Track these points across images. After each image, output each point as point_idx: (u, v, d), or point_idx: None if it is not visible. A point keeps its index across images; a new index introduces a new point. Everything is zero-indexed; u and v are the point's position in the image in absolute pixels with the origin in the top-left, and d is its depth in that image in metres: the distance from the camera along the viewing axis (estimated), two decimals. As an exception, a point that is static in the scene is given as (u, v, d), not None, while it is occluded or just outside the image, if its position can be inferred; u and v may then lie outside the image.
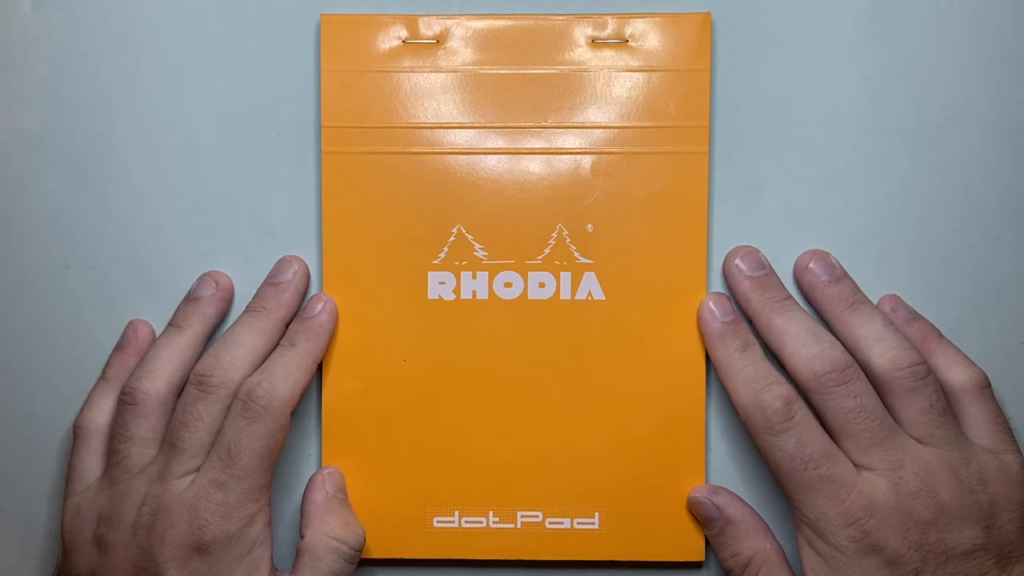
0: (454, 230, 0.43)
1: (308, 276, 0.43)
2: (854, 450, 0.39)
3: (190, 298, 0.43)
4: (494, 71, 0.43)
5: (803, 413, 0.39)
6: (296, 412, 0.43)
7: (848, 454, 0.39)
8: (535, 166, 0.43)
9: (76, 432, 0.42)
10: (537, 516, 0.43)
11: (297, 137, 0.44)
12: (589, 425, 0.43)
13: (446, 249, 0.43)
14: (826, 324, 0.42)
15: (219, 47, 0.44)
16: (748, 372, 0.40)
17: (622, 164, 0.42)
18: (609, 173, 0.42)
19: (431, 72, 0.43)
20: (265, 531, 0.40)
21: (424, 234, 0.43)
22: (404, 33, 0.43)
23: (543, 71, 0.43)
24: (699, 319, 0.42)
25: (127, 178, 0.44)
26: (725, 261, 0.43)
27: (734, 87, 0.43)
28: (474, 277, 0.43)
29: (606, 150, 0.43)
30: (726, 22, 0.43)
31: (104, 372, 0.43)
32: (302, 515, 0.42)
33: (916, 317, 0.43)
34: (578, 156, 0.43)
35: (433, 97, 0.43)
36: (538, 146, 0.43)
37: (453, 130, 0.43)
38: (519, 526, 0.43)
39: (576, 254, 0.43)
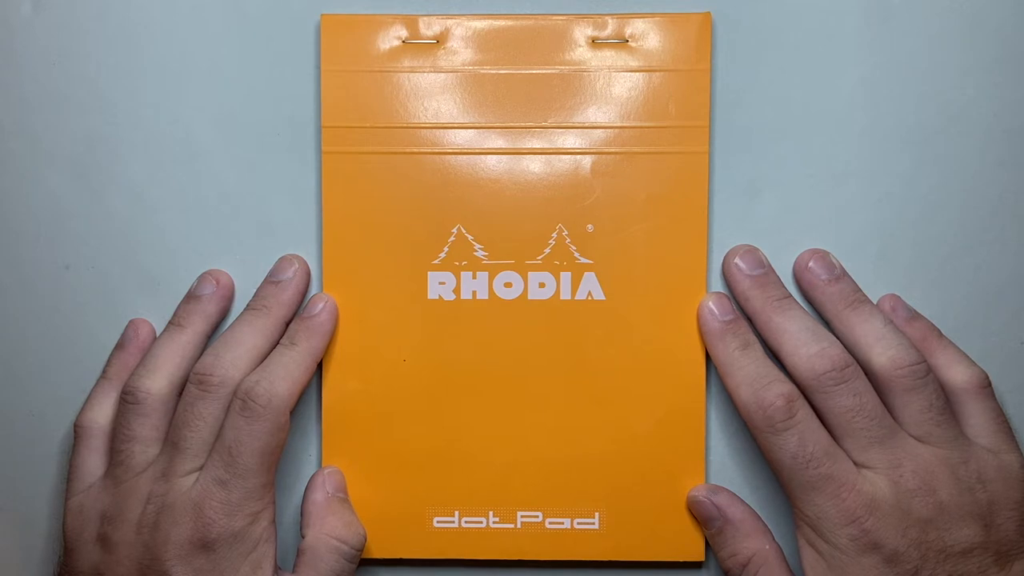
0: (454, 230, 0.43)
1: (308, 275, 0.43)
2: (854, 449, 0.39)
3: (191, 296, 0.43)
4: (494, 71, 0.43)
5: (804, 411, 0.39)
6: (296, 412, 0.43)
7: (848, 453, 0.39)
8: (535, 166, 0.43)
9: (77, 431, 0.42)
10: (537, 516, 0.43)
11: (297, 137, 0.44)
12: (589, 425, 0.43)
13: (446, 249, 0.43)
14: (826, 323, 0.42)
15: (219, 47, 0.44)
16: (749, 371, 0.40)
17: (622, 164, 0.42)
18: (609, 173, 0.43)
19: (431, 72, 0.43)
20: (269, 528, 0.40)
21: (424, 234, 0.43)
22: (404, 33, 0.43)
23: (543, 71, 0.43)
24: (699, 319, 0.42)
25: (127, 178, 0.44)
26: (724, 260, 0.43)
27: (734, 87, 0.43)
28: (474, 277, 0.43)
29: (606, 150, 0.43)
30: (726, 22, 0.43)
31: (105, 371, 0.43)
32: (302, 515, 0.42)
33: (916, 316, 0.43)
34: (578, 156, 0.43)
35: (433, 97, 0.43)
36: (538, 146, 0.43)
37: (453, 130, 0.43)
38: (519, 526, 0.43)
39: (576, 254, 0.43)
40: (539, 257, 0.43)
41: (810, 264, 0.42)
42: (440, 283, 0.43)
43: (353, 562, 0.41)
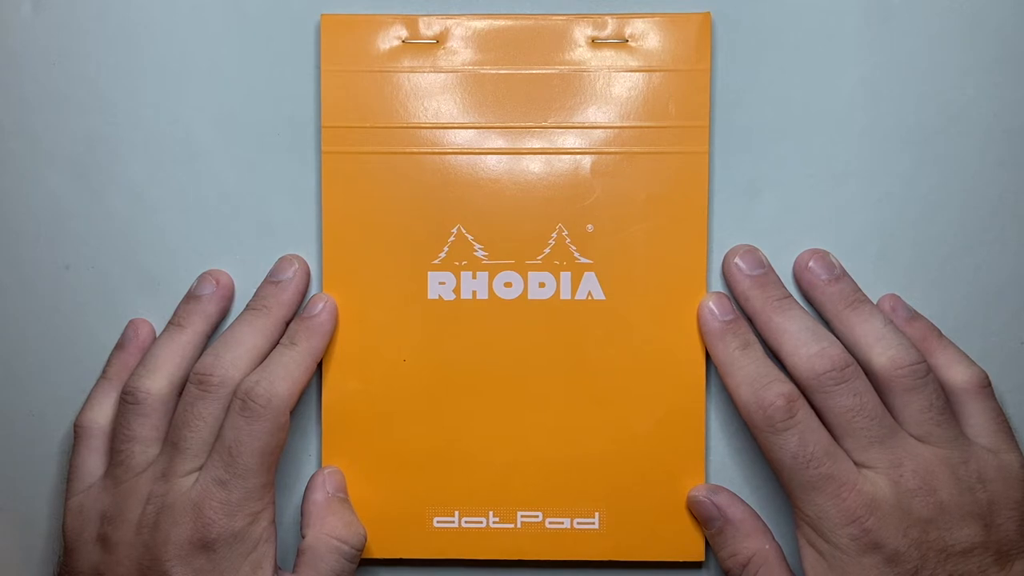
0: (454, 230, 0.43)
1: (308, 275, 0.43)
2: (854, 448, 0.39)
3: (191, 296, 0.43)
4: (494, 71, 0.43)
5: (805, 411, 0.39)
6: (296, 412, 0.43)
7: (848, 452, 0.39)
8: (535, 166, 0.43)
9: (77, 431, 0.42)
10: (537, 516, 0.43)
11: (297, 137, 0.44)
12: (589, 425, 0.43)
13: (446, 249, 0.43)
14: (826, 323, 0.42)
15: (219, 47, 0.44)
16: (749, 370, 0.40)
17: (622, 164, 0.43)
18: (609, 173, 0.43)
19: (431, 72, 0.43)
20: (269, 528, 0.40)
21: (424, 234, 0.43)
22: (404, 33, 0.43)
23: (543, 71, 0.43)
24: (699, 319, 0.42)
25: (127, 178, 0.44)
26: (724, 260, 0.43)
27: (734, 87, 0.43)
28: (474, 277, 0.43)
29: (606, 150, 0.43)
30: (726, 22, 0.43)
31: (105, 371, 0.43)
32: (302, 515, 0.42)
33: (916, 316, 0.43)
34: (578, 156, 0.43)
35: (433, 97, 0.43)
36: (538, 146, 0.43)
37: (453, 130, 0.43)
38: (519, 526, 0.43)
39: (576, 254, 0.43)
40: (539, 257, 0.43)
41: (810, 264, 0.42)
42: (440, 283, 0.43)
43: (353, 562, 0.41)
